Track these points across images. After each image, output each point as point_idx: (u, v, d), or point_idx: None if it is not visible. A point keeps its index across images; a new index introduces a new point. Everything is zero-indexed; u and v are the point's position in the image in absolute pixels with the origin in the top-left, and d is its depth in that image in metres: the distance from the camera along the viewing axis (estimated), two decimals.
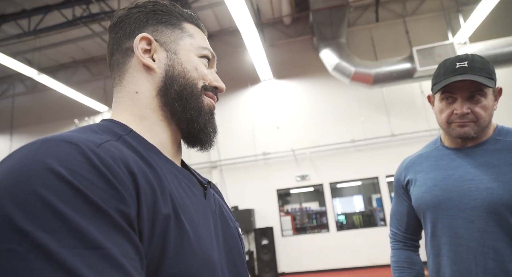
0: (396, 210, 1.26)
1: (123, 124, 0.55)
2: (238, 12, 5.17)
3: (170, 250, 0.44)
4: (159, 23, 0.61)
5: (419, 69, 6.14)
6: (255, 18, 7.53)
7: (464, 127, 1.01)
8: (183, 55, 0.60)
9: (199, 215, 0.53)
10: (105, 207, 0.37)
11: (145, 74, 0.59)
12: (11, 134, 9.59)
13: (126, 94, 0.59)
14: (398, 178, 1.25)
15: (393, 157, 7.37)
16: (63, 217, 0.35)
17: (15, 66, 6.52)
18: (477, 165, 1.02)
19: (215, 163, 8.18)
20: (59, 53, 8.70)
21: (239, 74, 8.31)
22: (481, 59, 1.02)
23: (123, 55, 0.60)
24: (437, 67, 1.07)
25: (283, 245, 7.60)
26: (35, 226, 0.33)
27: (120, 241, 0.37)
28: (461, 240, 1.00)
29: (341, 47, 7.05)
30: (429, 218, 1.09)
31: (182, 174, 0.57)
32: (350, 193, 10.05)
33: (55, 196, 0.35)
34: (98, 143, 0.43)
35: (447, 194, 1.04)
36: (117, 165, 0.42)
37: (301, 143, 7.93)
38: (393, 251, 1.25)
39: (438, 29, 7.89)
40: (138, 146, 0.52)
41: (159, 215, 0.44)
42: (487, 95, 1.00)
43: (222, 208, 0.65)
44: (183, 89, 0.59)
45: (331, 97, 8.11)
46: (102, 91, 9.07)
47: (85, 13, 6.70)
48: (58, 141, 0.40)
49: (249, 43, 6.18)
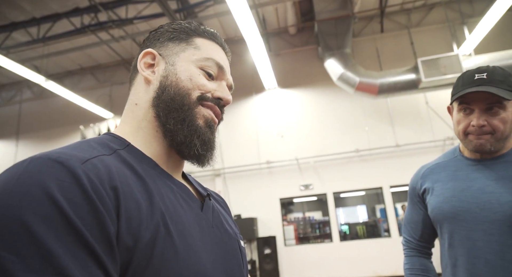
0: (411, 218, 1.24)
1: (121, 138, 0.57)
2: (243, 21, 5.23)
3: (155, 261, 0.44)
4: (167, 39, 0.64)
5: (424, 80, 6.14)
6: (260, 27, 7.60)
7: (480, 140, 1.00)
8: (180, 66, 0.61)
9: (193, 228, 0.53)
10: (81, 228, 0.38)
11: (144, 86, 0.61)
12: (17, 140, 9.67)
13: (129, 106, 0.62)
14: (414, 186, 1.22)
15: (398, 167, 7.33)
16: (37, 240, 0.35)
17: (23, 72, 6.62)
18: (498, 178, 1.00)
19: (219, 171, 8.18)
20: (66, 60, 8.82)
21: (244, 83, 8.35)
22: (503, 71, 0.99)
23: (134, 71, 0.65)
24: (457, 79, 1.06)
25: (286, 254, 7.52)
26: (6, 249, 0.35)
27: (90, 266, 0.38)
28: (479, 252, 0.98)
29: (346, 57, 7.07)
30: (446, 228, 1.07)
31: (177, 186, 0.58)
32: (354, 203, 9.97)
33: (35, 218, 0.36)
34: (85, 158, 0.44)
35: (466, 205, 1.02)
36: (100, 182, 0.43)
37: (305, 152, 7.92)
38: (407, 258, 1.23)
39: (443, 40, 7.90)
40: (133, 160, 0.53)
41: (144, 229, 0.45)
42: (507, 108, 0.97)
43: (222, 219, 0.64)
44: (172, 99, 0.58)
45: (335, 107, 8.12)
46: (108, 98, 9.15)
47: (93, 22, 6.81)
48: (46, 159, 0.42)
49: (254, 52, 6.23)
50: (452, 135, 7.24)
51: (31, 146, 9.53)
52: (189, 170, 7.59)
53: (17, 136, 9.70)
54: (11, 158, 9.43)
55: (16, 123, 9.77)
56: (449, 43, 7.73)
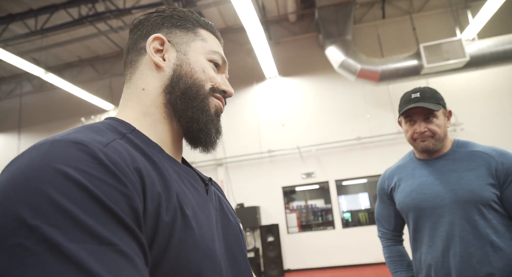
0: (382, 213, 1.52)
1: (126, 122, 0.57)
2: (243, 9, 5.16)
3: (174, 244, 0.45)
4: (174, 26, 0.64)
5: (426, 66, 6.08)
6: (260, 15, 7.50)
7: (424, 142, 1.31)
8: (192, 57, 0.62)
9: (202, 211, 0.54)
10: (112, 206, 0.38)
11: (154, 72, 0.61)
12: (19, 133, 9.70)
13: (133, 91, 0.61)
14: (382, 186, 1.51)
15: (399, 154, 7.26)
16: (70, 214, 0.35)
17: (22, 65, 6.58)
18: (443, 172, 1.31)
19: (221, 161, 8.20)
20: (65, 52, 8.77)
21: (244, 72, 8.30)
22: (430, 90, 1.33)
23: (136, 54, 0.63)
24: (400, 99, 1.38)
25: (289, 242, 7.60)
26: (43, 221, 0.34)
27: (125, 238, 0.38)
28: (436, 231, 1.27)
29: (347, 44, 7.00)
30: (411, 217, 1.35)
31: (184, 171, 0.58)
32: (356, 190, 10.01)
33: (62, 195, 0.36)
34: (105, 142, 0.45)
35: (423, 196, 1.31)
36: (125, 163, 0.43)
37: (306, 140, 7.92)
38: (385, 248, 1.51)
39: (446, 25, 7.80)
40: (142, 144, 0.53)
41: (164, 211, 0.45)
42: (439, 117, 1.30)
43: (222, 204, 0.66)
44: (188, 88, 0.60)
45: (336, 95, 8.07)
46: (108, 90, 9.12)
47: (91, 12, 6.74)
48: (67, 142, 0.41)
49: (254, 40, 6.17)
50: (453, 121, 7.22)
51: (34, 139, 9.56)
52: (191, 160, 7.60)
53: (19, 130, 9.72)
54: (14, 151, 9.48)
55: (18, 116, 9.78)
56: (452, 28, 7.63)
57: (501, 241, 1.18)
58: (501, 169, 1.22)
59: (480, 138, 7.00)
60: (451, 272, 1.22)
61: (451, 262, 1.22)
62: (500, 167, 1.22)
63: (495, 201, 1.21)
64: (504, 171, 1.22)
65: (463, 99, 7.41)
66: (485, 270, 1.17)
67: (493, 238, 1.18)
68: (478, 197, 1.21)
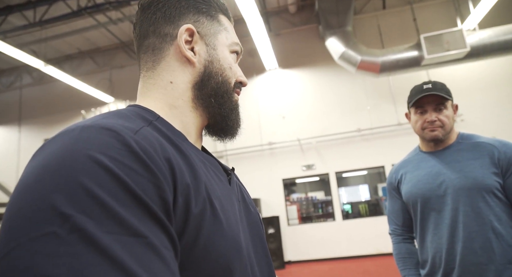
0: (392, 209, 1.55)
1: (151, 110, 0.55)
2: (243, 0, 5.12)
3: (203, 237, 0.44)
4: (200, 13, 0.60)
5: (427, 57, 6.05)
6: (260, 6, 7.46)
7: (434, 132, 1.36)
8: (220, 52, 0.61)
9: (227, 201, 0.53)
10: (143, 196, 0.38)
11: (183, 65, 0.58)
12: (20, 125, 9.71)
13: (159, 82, 0.58)
14: (391, 181, 1.55)
15: (399, 146, 7.34)
16: (103, 204, 0.35)
17: (22, 57, 6.56)
18: (447, 162, 1.36)
19: (221, 153, 8.22)
20: (65, 44, 8.73)
21: (244, 64, 8.27)
22: (440, 83, 1.39)
23: (160, 41, 0.59)
24: (410, 91, 1.43)
25: (289, 234, 7.66)
26: (76, 210, 0.33)
27: (156, 230, 0.38)
28: (442, 219, 1.32)
29: (347, 35, 6.96)
30: (418, 205, 1.39)
31: (208, 161, 0.57)
32: (356, 182, 10.05)
33: (96, 184, 0.35)
34: (135, 129, 0.44)
35: (428, 186, 1.36)
36: (155, 152, 0.42)
37: (307, 133, 7.92)
38: (395, 245, 1.53)
39: (447, 15, 7.74)
40: (168, 132, 0.51)
41: (194, 203, 0.44)
42: (448, 108, 1.36)
43: (244, 194, 0.65)
44: (219, 87, 0.60)
45: (337, 87, 8.05)
46: (108, 82, 9.11)
47: (90, 4, 6.69)
48: (98, 128, 0.40)
49: (254, 32, 6.13)
50: None
51: (34, 131, 9.57)
52: None
53: (19, 122, 9.73)
54: (15, 144, 9.50)
55: (18, 109, 9.78)
56: (453, 18, 7.57)
57: (503, 228, 1.23)
58: (503, 158, 1.27)
59: (481, 128, 7.00)
60: (456, 258, 1.26)
61: (456, 248, 1.27)
62: (503, 156, 1.28)
63: (498, 189, 1.26)
64: (506, 160, 1.27)
65: (463, 90, 7.39)
66: (486, 255, 1.21)
67: (495, 225, 1.23)
68: (482, 184, 1.26)
